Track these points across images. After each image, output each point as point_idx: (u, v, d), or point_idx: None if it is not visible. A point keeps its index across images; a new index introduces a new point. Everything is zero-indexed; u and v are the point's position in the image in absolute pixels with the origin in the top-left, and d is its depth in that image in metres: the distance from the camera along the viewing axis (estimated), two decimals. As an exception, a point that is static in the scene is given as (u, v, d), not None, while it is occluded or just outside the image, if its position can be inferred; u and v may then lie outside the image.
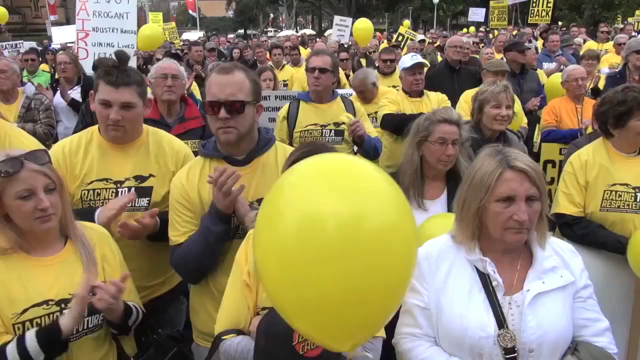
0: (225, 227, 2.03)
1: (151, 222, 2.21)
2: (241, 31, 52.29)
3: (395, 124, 4.16)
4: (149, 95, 2.59)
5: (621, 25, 14.80)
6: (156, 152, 2.45)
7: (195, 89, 5.45)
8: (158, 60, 8.47)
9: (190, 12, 30.97)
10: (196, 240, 2.07)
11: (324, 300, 1.04)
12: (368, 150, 3.62)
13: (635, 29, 15.37)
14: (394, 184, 1.17)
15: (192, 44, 9.29)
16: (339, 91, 4.08)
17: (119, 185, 2.37)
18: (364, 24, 9.51)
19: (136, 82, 2.33)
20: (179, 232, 2.15)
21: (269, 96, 4.49)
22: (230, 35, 26.69)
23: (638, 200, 2.71)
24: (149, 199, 2.39)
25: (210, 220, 2.02)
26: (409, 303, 1.83)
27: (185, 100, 3.68)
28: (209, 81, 2.09)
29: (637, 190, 2.71)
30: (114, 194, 2.36)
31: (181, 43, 16.25)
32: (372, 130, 3.87)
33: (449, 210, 2.51)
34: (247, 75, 2.09)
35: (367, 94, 4.82)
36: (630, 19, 18.15)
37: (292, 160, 1.75)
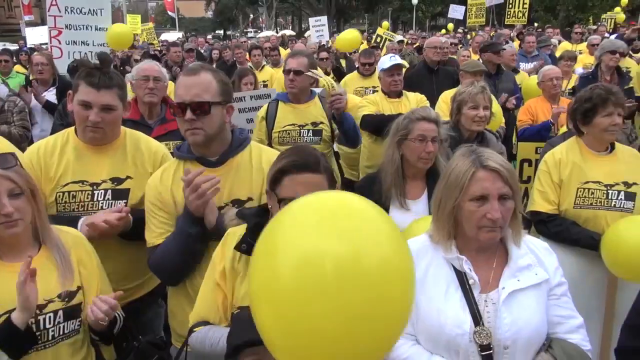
0: (200, 229, 2.02)
1: (120, 223, 2.18)
2: (220, 32, 51.93)
3: (375, 125, 4.18)
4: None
5: (594, 27, 15.13)
6: (133, 154, 2.43)
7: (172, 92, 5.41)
8: (136, 61, 8.38)
9: (169, 12, 30.58)
10: (173, 242, 2.05)
11: (319, 336, 1.03)
12: (348, 130, 3.62)
13: (608, 29, 15.75)
14: (391, 222, 1.18)
15: (171, 44, 9.22)
16: (317, 90, 4.10)
17: (95, 187, 2.34)
18: (350, 35, 9.39)
19: (118, 84, 2.31)
20: (155, 233, 2.13)
21: (244, 97, 4.46)
22: (208, 36, 26.47)
23: (609, 197, 2.78)
24: (126, 201, 2.36)
25: (186, 222, 2.01)
26: None
27: (166, 101, 3.66)
28: (177, 83, 2.09)
29: (608, 187, 2.78)
30: (90, 197, 2.33)
31: (160, 44, 16.09)
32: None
33: (430, 209, 2.54)
34: (214, 76, 2.07)
35: None
36: (603, 16, 18.58)
37: (278, 168, 1.70)
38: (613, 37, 8.56)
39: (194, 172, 1.93)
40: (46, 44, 8.05)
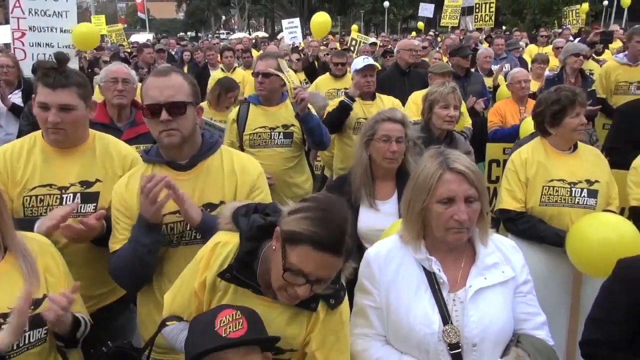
0: (155, 238, 1.98)
1: (97, 224, 2.13)
2: (192, 33, 51.37)
3: (331, 124, 4.29)
4: (94, 98, 2.53)
5: (559, 30, 15.59)
6: (103, 157, 2.39)
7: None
8: (105, 62, 8.22)
9: (139, 14, 29.93)
10: (127, 251, 2.01)
11: None
12: (312, 129, 3.63)
13: (572, 22, 16.27)
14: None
15: (143, 46, 9.07)
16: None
17: (63, 191, 2.29)
18: (321, 17, 9.70)
19: (76, 83, 2.25)
20: (117, 239, 2.09)
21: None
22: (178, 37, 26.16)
23: (573, 194, 2.87)
24: (95, 204, 2.32)
25: (139, 232, 1.96)
26: (361, 304, 1.86)
27: (136, 104, 3.59)
28: (145, 85, 2.04)
29: (572, 185, 2.87)
30: (58, 200, 2.28)
31: (130, 45, 15.83)
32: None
33: (400, 210, 2.58)
34: (184, 77, 2.06)
35: None
36: (565, 8, 19.15)
37: (300, 232, 1.46)
38: (577, 40, 8.81)
39: (148, 176, 1.89)
40: (9, 44, 7.85)
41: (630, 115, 4.13)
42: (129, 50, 13.61)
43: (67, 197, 2.28)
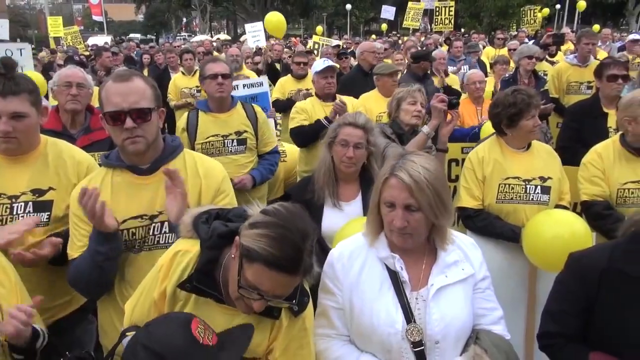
0: (112, 245, 1.94)
1: (50, 252, 2.08)
2: (152, 36, 50.36)
3: (302, 139, 4.32)
4: (45, 103, 2.44)
5: (515, 33, 16.11)
6: (56, 164, 2.31)
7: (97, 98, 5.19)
8: (59, 66, 7.96)
9: (94, 17, 28.72)
10: (85, 260, 1.97)
11: None
12: (262, 182, 3.72)
13: (529, 21, 16.82)
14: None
15: (102, 49, 8.77)
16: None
17: (14, 200, 2.20)
18: (275, 17, 9.72)
19: (27, 90, 2.17)
20: (76, 246, 2.04)
21: (237, 86, 4.67)
22: (134, 35, 25.50)
23: (527, 191, 2.96)
24: (49, 213, 2.24)
25: (96, 241, 1.93)
26: (324, 305, 1.87)
27: (91, 109, 3.45)
28: (105, 91, 1.98)
29: (526, 182, 2.97)
30: (8, 210, 2.19)
31: (88, 48, 15.38)
32: (273, 139, 3.95)
33: (365, 211, 2.60)
34: (145, 81, 2.03)
35: None
36: (523, 9, 19.75)
37: (256, 250, 1.43)
38: (531, 42, 9.13)
39: (82, 191, 1.85)
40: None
41: (580, 114, 4.31)
42: (86, 54, 13.23)
43: (17, 206, 2.20)
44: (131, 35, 41.78)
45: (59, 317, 2.34)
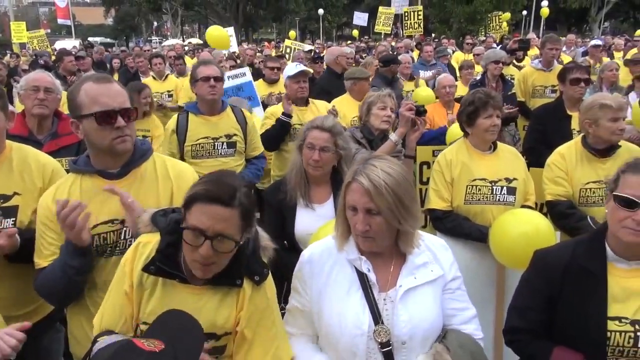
0: (85, 260, 1.94)
1: (6, 243, 2.03)
2: (118, 40, 49.53)
3: (271, 143, 4.34)
4: (11, 108, 2.39)
5: (483, 38, 16.50)
6: (21, 169, 2.27)
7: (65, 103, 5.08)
8: (24, 71, 7.76)
9: (60, 20, 27.81)
10: (55, 271, 1.95)
11: None
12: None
13: (495, 27, 17.25)
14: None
15: (64, 53, 8.55)
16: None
17: None
18: (216, 32, 9.76)
19: None
20: (43, 255, 2.01)
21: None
22: (93, 39, 24.95)
23: (494, 192, 3.04)
24: (14, 219, 2.21)
25: (68, 254, 1.92)
26: (291, 303, 1.91)
27: (58, 114, 3.38)
28: (87, 91, 1.96)
29: (492, 183, 3.05)
30: (-28, 216, 2.14)
31: (55, 52, 15.02)
32: (260, 144, 3.96)
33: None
34: (119, 84, 2.07)
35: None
36: (489, 15, 20.25)
37: (191, 194, 1.60)
38: (499, 47, 9.36)
39: (59, 203, 1.84)
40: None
41: (544, 117, 4.43)
42: (53, 58, 12.92)
43: None
44: (94, 38, 40.91)
45: (25, 327, 2.28)
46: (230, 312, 1.71)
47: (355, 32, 23.89)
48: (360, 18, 22.09)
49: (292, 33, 20.84)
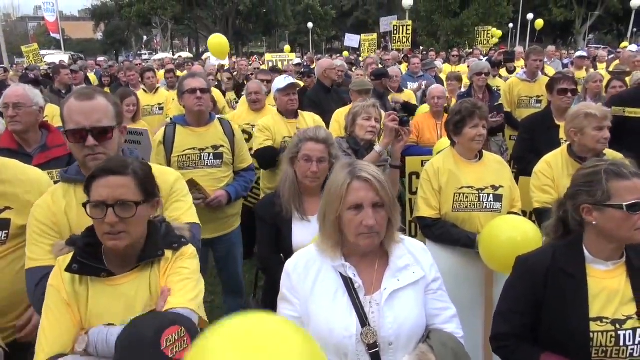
0: None
1: None
2: (108, 55, 49.49)
3: (266, 161, 4.37)
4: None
5: (470, 50, 16.76)
6: (12, 183, 2.28)
7: (56, 116, 5.08)
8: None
9: (52, 34, 27.82)
10: None
11: None
12: (237, 199, 3.75)
13: (482, 41, 17.53)
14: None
15: (60, 67, 8.56)
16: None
17: None
18: (216, 39, 9.82)
19: None
20: (44, 251, 1.98)
21: None
22: (100, 58, 25.01)
23: (481, 200, 3.09)
24: (7, 232, 2.22)
25: None
26: (282, 314, 1.91)
27: (47, 127, 3.35)
28: (67, 109, 2.01)
29: (479, 191, 3.10)
30: (-38, 231, 2.14)
31: (46, 67, 15.01)
32: (248, 157, 3.99)
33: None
34: (107, 99, 2.07)
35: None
36: (477, 28, 20.56)
37: (88, 177, 1.77)
38: (485, 59, 9.53)
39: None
40: None
41: (533, 126, 4.49)
42: (46, 72, 12.89)
43: None
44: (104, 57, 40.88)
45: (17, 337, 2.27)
46: (158, 284, 1.79)
47: (346, 53, 24.19)
48: (352, 40, 22.23)
49: (287, 47, 20.99)
